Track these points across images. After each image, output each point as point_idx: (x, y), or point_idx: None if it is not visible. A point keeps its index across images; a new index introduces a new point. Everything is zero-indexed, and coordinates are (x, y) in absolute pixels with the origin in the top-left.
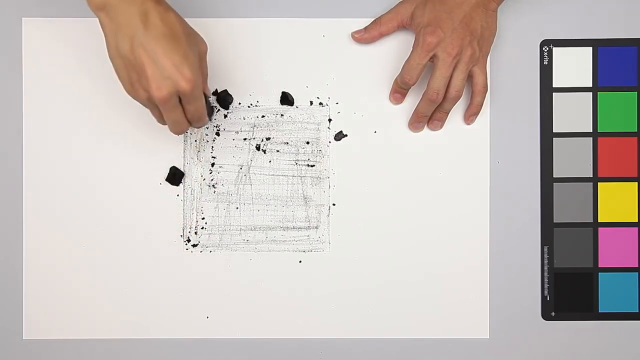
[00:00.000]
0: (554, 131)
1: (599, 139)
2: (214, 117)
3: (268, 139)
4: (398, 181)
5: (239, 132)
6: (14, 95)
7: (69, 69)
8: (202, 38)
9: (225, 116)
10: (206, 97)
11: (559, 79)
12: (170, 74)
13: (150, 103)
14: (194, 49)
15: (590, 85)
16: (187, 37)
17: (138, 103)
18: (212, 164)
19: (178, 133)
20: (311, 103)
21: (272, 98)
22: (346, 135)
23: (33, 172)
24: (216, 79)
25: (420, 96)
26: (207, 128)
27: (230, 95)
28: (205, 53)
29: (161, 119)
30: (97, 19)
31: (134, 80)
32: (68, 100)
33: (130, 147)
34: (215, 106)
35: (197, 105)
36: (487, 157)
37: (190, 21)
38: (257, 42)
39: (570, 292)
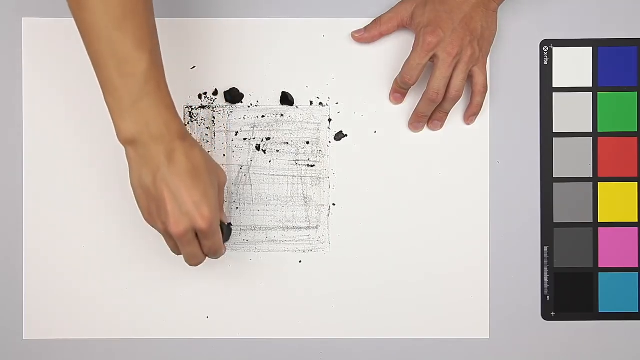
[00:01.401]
0: (554, 131)
1: (599, 139)
2: (230, 238)
3: (268, 139)
4: (398, 181)
5: (239, 132)
6: (14, 95)
7: (69, 69)
8: (222, 170)
9: (228, 115)
10: (223, 224)
11: (559, 79)
12: (189, 211)
13: (167, 234)
14: (214, 183)
15: (590, 85)
16: (209, 173)
17: None
18: None
19: (193, 265)
20: (311, 103)
21: (272, 98)
22: (346, 135)
23: (33, 172)
24: (216, 79)
25: (420, 96)
26: (208, 128)
27: (241, 93)
28: (224, 184)
29: (176, 249)
30: None
31: (152, 211)
32: (68, 100)
33: None
34: (232, 226)
35: (214, 241)
36: (487, 157)
37: (190, 21)
38: (257, 42)
39: (570, 292)
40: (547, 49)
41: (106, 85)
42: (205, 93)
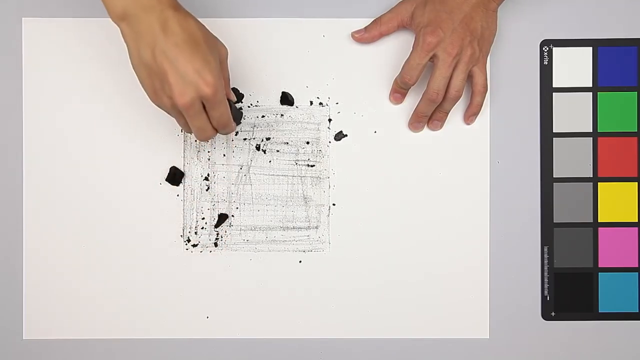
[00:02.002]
0: (554, 131)
1: (599, 139)
2: (242, 120)
3: (268, 139)
4: (398, 181)
5: (239, 132)
6: (14, 95)
7: (69, 69)
8: (222, 43)
9: None
10: (232, 102)
11: (559, 79)
12: (192, 79)
13: (175, 110)
14: (214, 53)
15: (590, 85)
16: (207, 43)
17: (140, 103)
18: (213, 164)
19: (204, 140)
20: (311, 103)
21: (272, 98)
22: (346, 135)
23: (33, 172)
24: None
25: (420, 96)
26: None
27: (241, 93)
28: (226, 57)
29: (187, 127)
30: (96, 20)
31: (157, 88)
32: (68, 100)
33: (130, 147)
34: (242, 109)
35: (221, 111)
36: (487, 157)
37: None
38: (257, 42)
39: (570, 292)
40: (547, 49)
41: None
42: None
